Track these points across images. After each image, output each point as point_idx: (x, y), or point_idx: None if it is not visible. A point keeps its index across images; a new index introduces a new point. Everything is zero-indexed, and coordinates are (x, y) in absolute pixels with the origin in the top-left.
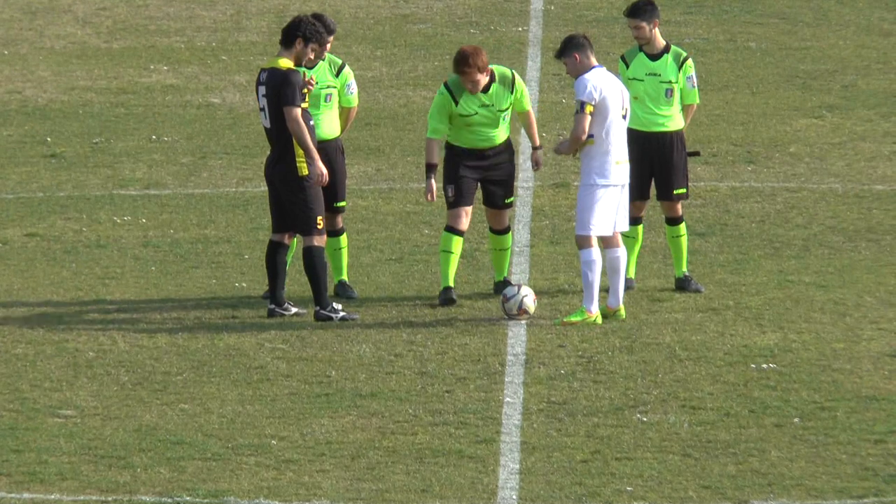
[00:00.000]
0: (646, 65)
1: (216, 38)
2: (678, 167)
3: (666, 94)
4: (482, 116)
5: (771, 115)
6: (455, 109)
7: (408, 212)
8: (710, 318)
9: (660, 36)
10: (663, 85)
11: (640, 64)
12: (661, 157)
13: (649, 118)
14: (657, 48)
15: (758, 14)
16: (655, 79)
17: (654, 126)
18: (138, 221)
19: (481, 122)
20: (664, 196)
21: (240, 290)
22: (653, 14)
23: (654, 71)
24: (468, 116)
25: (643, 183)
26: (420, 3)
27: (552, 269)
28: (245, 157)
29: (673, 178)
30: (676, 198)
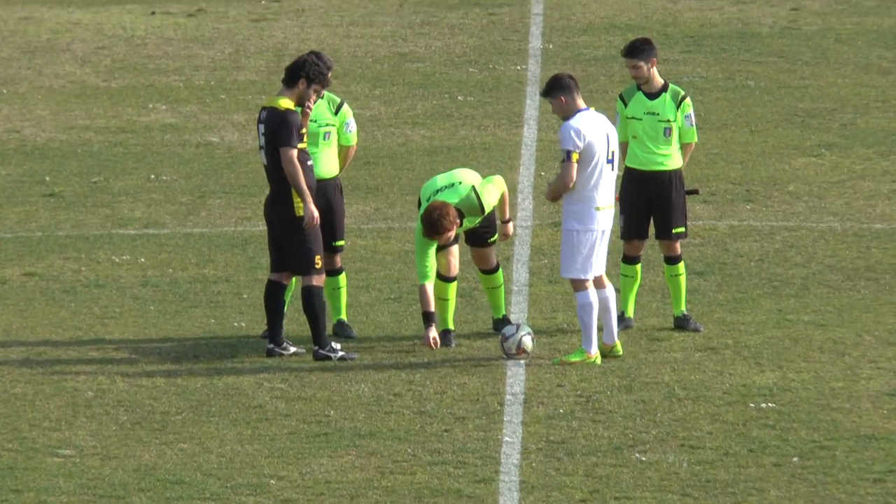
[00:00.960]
0: (644, 104)
1: (214, 77)
2: (677, 206)
3: (664, 132)
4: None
5: (770, 154)
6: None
7: (406, 251)
8: (708, 357)
9: (657, 75)
10: (662, 124)
11: (638, 103)
12: (659, 196)
13: (648, 157)
14: (655, 87)
15: (756, 53)
16: (654, 118)
17: (653, 165)
18: (137, 261)
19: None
20: (663, 235)
21: (238, 330)
22: (650, 53)
23: (652, 110)
24: None
25: (642, 222)
26: (418, 41)
27: (551, 309)
28: (244, 197)
29: (672, 217)
30: (675, 237)
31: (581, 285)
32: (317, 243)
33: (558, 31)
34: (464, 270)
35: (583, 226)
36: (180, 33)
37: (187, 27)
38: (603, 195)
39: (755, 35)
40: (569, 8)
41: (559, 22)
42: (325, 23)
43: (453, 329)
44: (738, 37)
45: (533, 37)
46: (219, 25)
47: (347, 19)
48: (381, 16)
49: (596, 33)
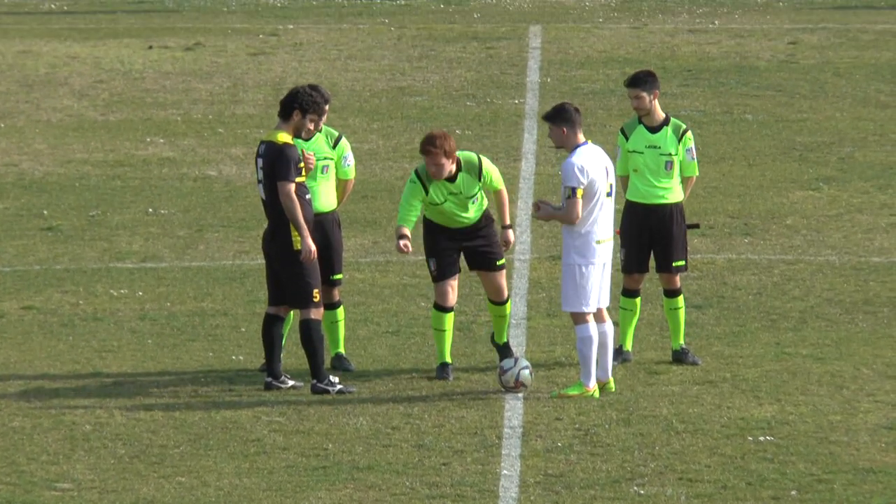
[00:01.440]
0: (645, 137)
1: (213, 111)
2: (678, 240)
3: (666, 166)
4: (452, 203)
5: (768, 188)
6: (426, 198)
7: (404, 284)
8: (706, 391)
9: (659, 108)
10: (663, 157)
11: (639, 136)
12: (660, 229)
13: (649, 190)
14: (657, 120)
15: (754, 86)
16: (655, 151)
17: (654, 198)
18: (135, 294)
19: (452, 209)
20: (663, 268)
21: (237, 363)
22: (653, 85)
23: (653, 143)
24: (438, 204)
25: (642, 255)
26: (416, 75)
27: (549, 342)
28: (242, 230)
29: (672, 250)
30: (675, 270)
31: (581, 318)
32: (315, 277)
33: (556, 64)
34: (462, 303)
35: (584, 260)
36: (178, 67)
37: (185, 61)
38: (602, 228)
39: (753, 69)
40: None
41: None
42: (324, 56)
43: (451, 363)
44: (736, 70)
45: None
46: (217, 59)
47: (345, 53)
48: (379, 49)
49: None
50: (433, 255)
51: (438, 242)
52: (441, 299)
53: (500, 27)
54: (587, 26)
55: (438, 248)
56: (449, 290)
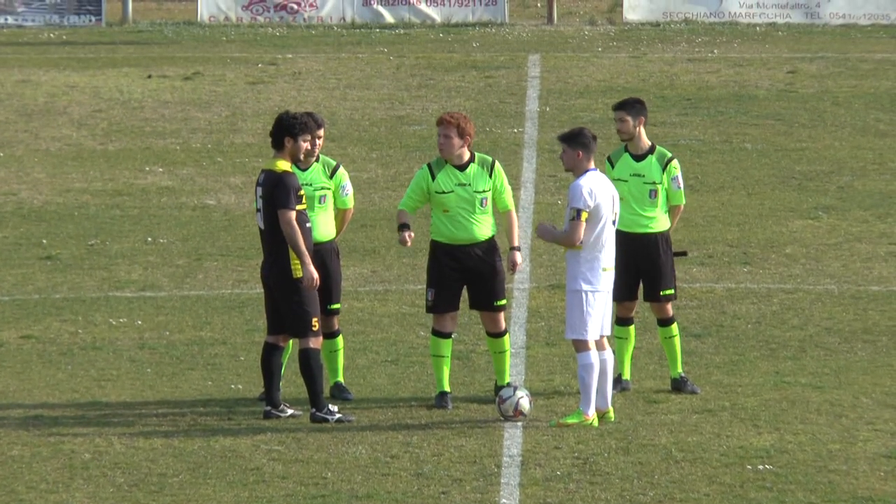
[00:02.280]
0: (630, 165)
1: (211, 140)
2: (665, 269)
3: (650, 195)
4: (459, 197)
5: (767, 216)
6: (432, 185)
7: (403, 313)
8: (706, 419)
9: (645, 136)
10: (647, 186)
11: (624, 165)
12: (646, 258)
13: (634, 219)
14: (642, 148)
15: (753, 115)
16: (639, 179)
17: (639, 227)
18: (134, 323)
19: (458, 204)
20: (651, 297)
21: (235, 392)
22: (639, 112)
23: (638, 172)
24: (444, 194)
25: (631, 283)
26: (415, 104)
27: (548, 371)
28: (240, 259)
29: (659, 279)
30: (664, 299)
31: (584, 346)
32: (314, 306)
33: (555, 93)
34: (461, 332)
35: (591, 286)
36: (177, 96)
37: (184, 90)
38: (608, 256)
39: (752, 98)
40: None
41: (556, 85)
42: (322, 85)
43: (450, 391)
44: (735, 99)
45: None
46: (216, 88)
47: (344, 82)
48: (377, 79)
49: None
50: (433, 285)
51: (441, 273)
52: (439, 325)
53: (499, 56)
54: (586, 55)
55: (440, 280)
56: (447, 318)
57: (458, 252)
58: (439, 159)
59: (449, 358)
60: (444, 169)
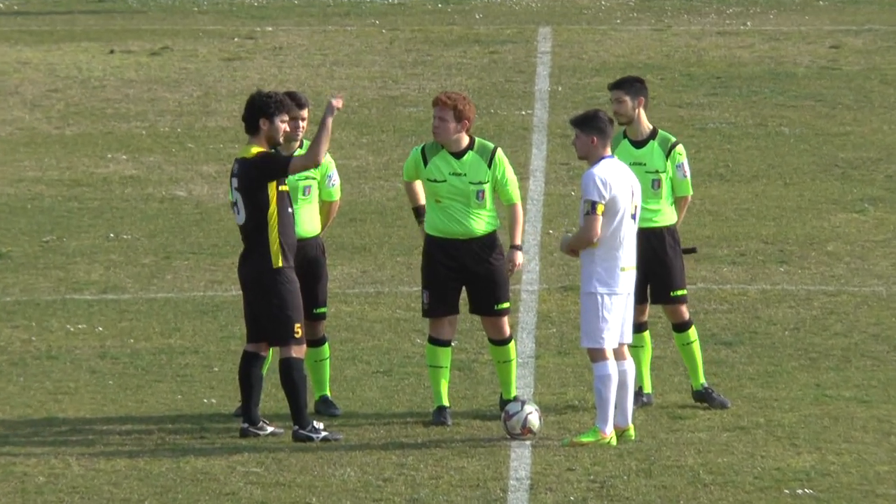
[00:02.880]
0: (630, 153)
1: (181, 124)
2: (674, 267)
3: (653, 185)
4: (452, 187)
5: (806, 210)
6: (423, 172)
7: (397, 318)
8: (738, 438)
9: (646, 119)
10: (649, 175)
11: (623, 152)
12: (652, 256)
13: None
14: (642, 133)
15: (791, 95)
16: (640, 168)
17: (642, 222)
18: (94, 330)
19: (452, 196)
20: (661, 299)
21: (209, 407)
22: (638, 91)
23: (638, 160)
24: (436, 184)
25: (638, 285)
26: (410, 83)
27: (560, 383)
28: (214, 258)
29: (669, 279)
30: (675, 300)
31: (600, 355)
32: (296, 309)
33: (568, 71)
34: (462, 340)
35: (608, 289)
36: (143, 74)
37: (150, 67)
38: (627, 254)
39: (790, 76)
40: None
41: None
42: (306, 62)
43: (449, 406)
44: (771, 78)
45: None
46: (186, 65)
47: (331, 58)
48: (368, 54)
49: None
50: (428, 286)
51: (437, 273)
52: (436, 331)
53: (505, 29)
54: (603, 28)
55: (436, 280)
56: (445, 323)
57: (454, 248)
58: (435, 143)
59: (448, 369)
60: (438, 154)
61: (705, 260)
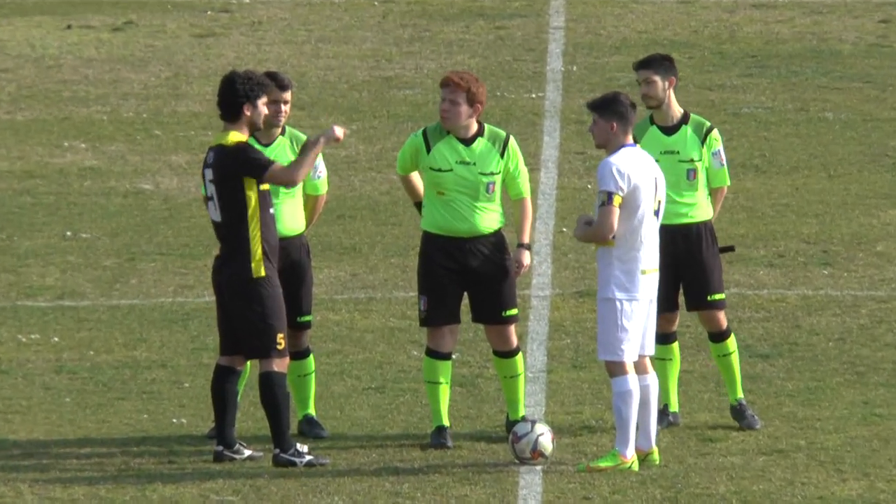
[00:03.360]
0: (660, 141)
1: (147, 108)
2: (711, 267)
3: (688, 175)
4: (459, 178)
5: (853, 205)
6: (426, 159)
7: (391, 328)
8: (775, 462)
9: (676, 103)
10: (683, 165)
11: (652, 140)
12: (687, 256)
13: (669, 208)
14: (672, 118)
15: (836, 76)
16: (673, 158)
17: (676, 218)
18: (49, 340)
19: (458, 188)
20: (697, 304)
21: (178, 428)
22: (669, 70)
23: (670, 148)
24: (440, 173)
25: (669, 290)
26: (406, 62)
27: (575, 401)
28: (184, 259)
29: (706, 281)
30: (713, 305)
31: (619, 369)
32: (278, 318)
33: (584, 49)
34: (464, 353)
35: (627, 294)
36: (104, 52)
37: (113, 44)
38: (648, 255)
39: (834, 54)
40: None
41: (585, 38)
42: (289, 38)
43: (449, 426)
44: (813, 56)
45: (552, 57)
46: (153, 42)
47: (316, 34)
48: (359, 30)
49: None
50: (426, 291)
51: (436, 276)
52: (435, 342)
53: (512, 2)
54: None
55: (435, 284)
56: (445, 333)
57: (457, 247)
58: (439, 126)
59: (448, 385)
60: (443, 140)
61: (739, 262)
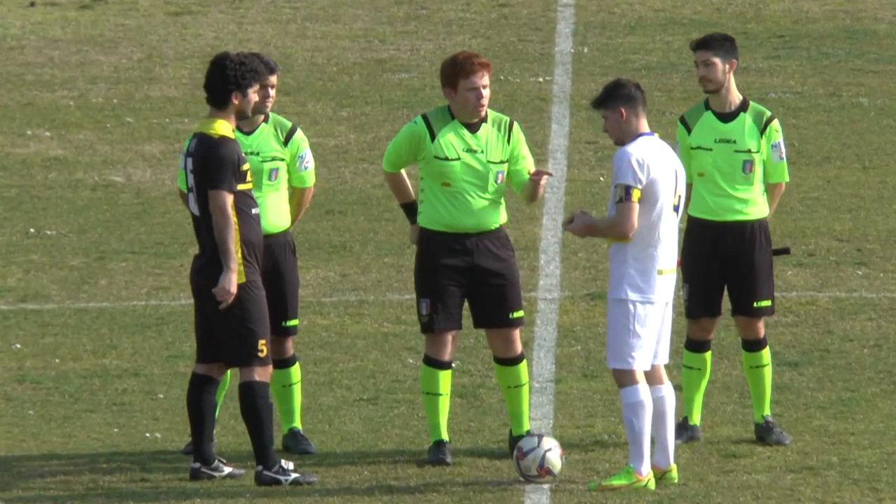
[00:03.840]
0: (715, 128)
1: (118, 93)
2: (761, 271)
3: (744, 167)
4: (467, 168)
5: (890, 199)
6: (430, 148)
7: (385, 333)
8: (804, 481)
9: (736, 89)
10: (740, 155)
11: (707, 127)
12: (738, 256)
13: (721, 202)
14: (731, 104)
15: (871, 59)
16: (729, 147)
17: (729, 214)
18: (10, 347)
19: (465, 178)
20: (742, 310)
21: (152, 443)
22: (730, 52)
23: (727, 136)
24: (447, 163)
25: (712, 294)
26: (401, 43)
27: (586, 413)
28: (158, 259)
29: (755, 285)
30: (758, 313)
31: (630, 378)
32: (261, 323)
33: (596, 29)
34: (465, 361)
35: (641, 295)
36: (71, 32)
37: (80, 24)
38: (666, 254)
39: (869, 34)
40: None
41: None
42: (272, 17)
43: (448, 440)
44: (847, 36)
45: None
46: (124, 21)
47: (303, 12)
48: (349, 7)
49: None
50: (428, 294)
51: (437, 277)
52: (435, 350)
53: None
54: None
55: (436, 287)
56: (448, 340)
57: (463, 245)
58: (442, 111)
59: (448, 396)
60: (448, 126)
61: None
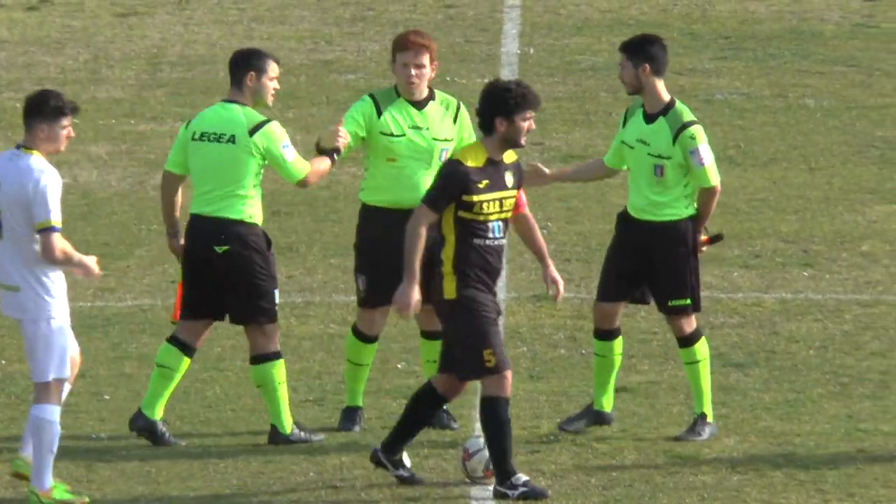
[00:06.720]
0: (640, 128)
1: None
2: (676, 270)
3: (655, 171)
4: (411, 144)
5: (836, 201)
6: (376, 123)
7: (331, 334)
8: (751, 482)
9: (662, 90)
10: (651, 159)
11: (635, 125)
12: (649, 254)
13: (635, 201)
14: (655, 106)
15: (818, 60)
16: (644, 149)
17: (642, 213)
18: None
19: (410, 154)
20: (660, 308)
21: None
22: (644, 54)
23: (644, 138)
24: (392, 138)
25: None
26: (348, 44)
27: (532, 415)
28: (105, 260)
29: (669, 284)
30: (674, 311)
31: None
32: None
33: (542, 30)
34: (411, 362)
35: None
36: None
37: (27, 25)
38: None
39: (816, 35)
40: None
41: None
42: (219, 18)
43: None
44: (793, 38)
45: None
46: (71, 22)
47: (249, 14)
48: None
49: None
50: (365, 270)
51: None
52: (366, 325)
53: None
54: None
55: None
56: (379, 314)
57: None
58: (388, 91)
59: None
60: (394, 104)
61: (712, 263)
